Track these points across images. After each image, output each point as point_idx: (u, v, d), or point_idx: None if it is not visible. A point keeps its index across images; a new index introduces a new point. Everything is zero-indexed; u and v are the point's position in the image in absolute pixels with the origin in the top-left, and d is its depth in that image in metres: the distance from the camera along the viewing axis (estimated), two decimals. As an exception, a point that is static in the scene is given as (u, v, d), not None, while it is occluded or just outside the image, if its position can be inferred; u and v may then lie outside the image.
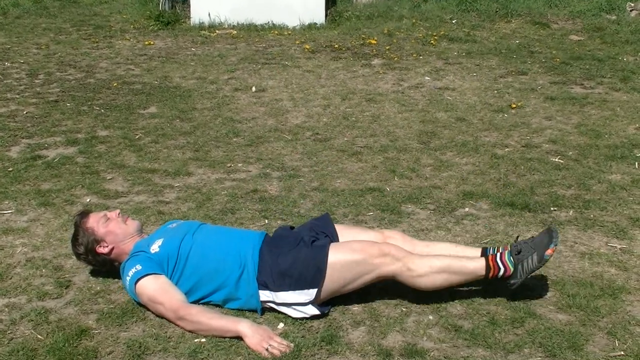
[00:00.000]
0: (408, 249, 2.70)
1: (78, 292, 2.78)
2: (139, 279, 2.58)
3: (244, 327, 2.47)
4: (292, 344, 2.43)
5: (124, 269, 2.68)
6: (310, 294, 2.57)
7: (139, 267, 2.60)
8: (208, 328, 2.49)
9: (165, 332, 2.51)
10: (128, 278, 2.62)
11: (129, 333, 2.51)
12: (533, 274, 2.64)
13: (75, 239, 2.81)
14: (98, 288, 2.80)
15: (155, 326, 2.54)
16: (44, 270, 2.94)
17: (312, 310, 2.58)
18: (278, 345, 2.41)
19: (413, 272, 2.58)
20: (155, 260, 2.63)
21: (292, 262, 2.60)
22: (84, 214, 2.86)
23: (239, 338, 2.45)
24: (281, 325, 2.55)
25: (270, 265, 2.61)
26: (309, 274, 2.57)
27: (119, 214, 2.85)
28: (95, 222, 2.79)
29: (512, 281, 2.61)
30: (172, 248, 2.66)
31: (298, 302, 2.58)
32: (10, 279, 2.87)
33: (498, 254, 2.64)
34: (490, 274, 2.62)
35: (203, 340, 2.45)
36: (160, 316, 2.58)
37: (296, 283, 2.57)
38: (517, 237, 2.79)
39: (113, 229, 2.78)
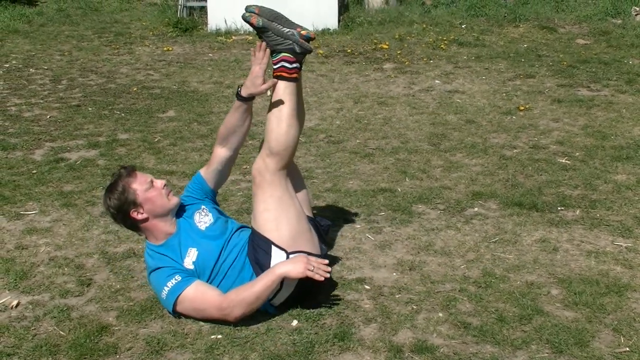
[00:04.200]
0: None
1: (99, 290, 2.84)
2: (177, 297, 2.55)
3: (282, 268, 2.52)
4: (327, 261, 2.58)
5: (157, 275, 2.62)
6: (275, 251, 2.64)
7: (177, 278, 2.57)
8: (255, 296, 2.49)
9: (183, 328, 2.56)
10: (166, 290, 2.57)
11: (147, 329, 2.57)
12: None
13: (112, 190, 2.62)
14: (118, 286, 2.87)
15: (173, 323, 2.60)
16: (66, 269, 3.02)
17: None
18: (319, 265, 2.52)
19: (272, 145, 2.67)
20: (190, 272, 2.62)
21: (250, 250, 2.69)
22: (131, 169, 2.67)
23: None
24: (295, 322, 2.60)
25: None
26: (258, 243, 2.66)
27: (165, 185, 2.69)
28: (139, 185, 2.62)
29: (298, 49, 2.69)
30: (207, 264, 2.65)
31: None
32: (34, 277, 2.95)
33: (275, 65, 2.73)
34: (286, 74, 2.71)
35: (219, 336, 2.51)
36: (212, 320, 2.57)
37: (263, 260, 2.63)
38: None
39: (155, 199, 2.62)
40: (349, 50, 7.31)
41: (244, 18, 2.72)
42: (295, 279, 2.54)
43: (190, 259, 2.63)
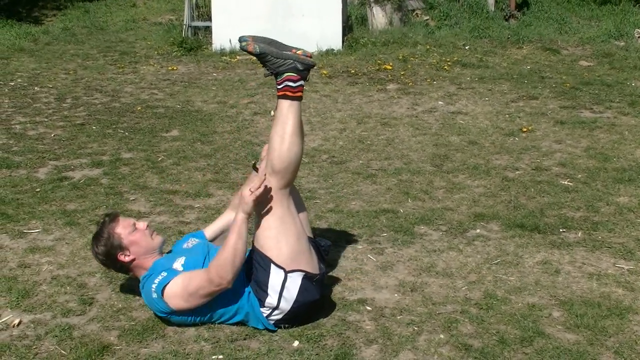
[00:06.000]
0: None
1: (100, 309, 2.85)
2: (164, 287, 2.60)
3: (239, 213, 2.62)
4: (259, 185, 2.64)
5: (146, 282, 2.68)
6: (274, 269, 2.64)
7: (163, 274, 2.64)
8: (232, 250, 2.55)
9: (184, 348, 2.57)
10: (154, 286, 2.62)
11: (149, 349, 2.57)
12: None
13: (98, 238, 2.77)
14: (120, 305, 2.88)
15: (174, 343, 2.60)
16: (68, 287, 3.03)
17: (297, 279, 2.64)
18: (254, 188, 2.61)
19: (274, 164, 2.68)
20: (178, 272, 2.68)
21: (250, 267, 2.71)
22: (114, 216, 2.83)
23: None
24: (296, 343, 2.60)
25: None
26: (258, 261, 2.67)
27: (147, 226, 2.83)
28: (123, 229, 2.76)
29: (300, 66, 2.75)
30: (196, 264, 2.72)
31: (280, 284, 2.64)
32: (36, 296, 2.96)
33: (279, 86, 2.75)
34: (290, 93, 2.74)
35: (220, 357, 2.51)
36: (210, 296, 2.59)
37: (262, 278, 2.65)
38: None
39: (139, 240, 2.77)
40: (353, 71, 7.37)
41: (241, 48, 2.76)
42: (251, 209, 2.62)
43: (179, 263, 2.74)
